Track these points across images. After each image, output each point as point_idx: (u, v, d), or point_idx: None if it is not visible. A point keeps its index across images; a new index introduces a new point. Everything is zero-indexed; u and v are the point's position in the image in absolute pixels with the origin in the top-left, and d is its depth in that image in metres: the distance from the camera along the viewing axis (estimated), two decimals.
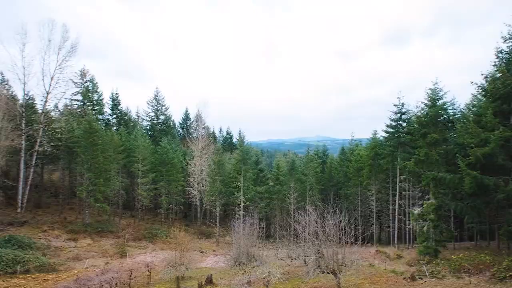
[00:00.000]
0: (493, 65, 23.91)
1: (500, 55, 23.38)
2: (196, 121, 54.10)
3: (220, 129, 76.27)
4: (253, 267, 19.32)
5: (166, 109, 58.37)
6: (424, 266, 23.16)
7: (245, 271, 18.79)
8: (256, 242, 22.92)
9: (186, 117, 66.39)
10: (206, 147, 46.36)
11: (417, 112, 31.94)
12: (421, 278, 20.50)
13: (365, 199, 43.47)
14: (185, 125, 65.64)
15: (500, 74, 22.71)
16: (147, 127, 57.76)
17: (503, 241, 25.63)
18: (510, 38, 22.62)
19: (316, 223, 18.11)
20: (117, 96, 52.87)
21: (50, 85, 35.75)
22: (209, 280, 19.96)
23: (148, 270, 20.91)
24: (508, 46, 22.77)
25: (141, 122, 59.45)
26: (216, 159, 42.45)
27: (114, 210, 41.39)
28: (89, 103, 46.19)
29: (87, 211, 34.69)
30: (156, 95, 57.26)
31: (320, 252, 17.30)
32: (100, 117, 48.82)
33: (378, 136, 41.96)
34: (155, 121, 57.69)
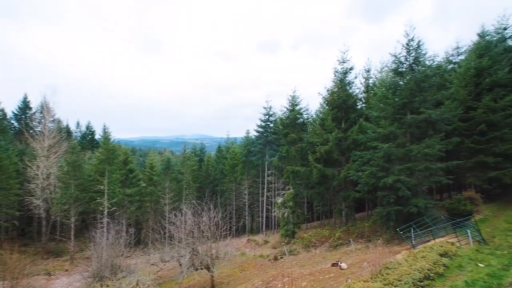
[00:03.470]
0: (332, 81, 30.54)
1: (336, 74, 30.08)
2: (42, 112, 42.60)
3: (78, 124, 63.43)
4: (118, 279, 16.89)
5: None
6: (284, 246, 26.94)
7: (107, 286, 16.15)
8: (123, 251, 20.21)
9: (25, 107, 51.32)
10: (57, 145, 37.24)
11: (281, 115, 37.01)
12: (282, 257, 23.71)
13: (239, 194, 46.57)
14: (24, 117, 50.70)
15: (336, 89, 29.31)
16: None
17: (337, 217, 33.21)
18: (343, 62, 29.49)
19: (192, 221, 17.73)
20: None
21: None
22: None
23: None
24: (342, 68, 29.60)
25: None
26: (70, 159, 34.87)
27: None
28: None
29: None
30: None
31: (195, 249, 17.03)
32: None
33: (250, 135, 45.95)
34: None
